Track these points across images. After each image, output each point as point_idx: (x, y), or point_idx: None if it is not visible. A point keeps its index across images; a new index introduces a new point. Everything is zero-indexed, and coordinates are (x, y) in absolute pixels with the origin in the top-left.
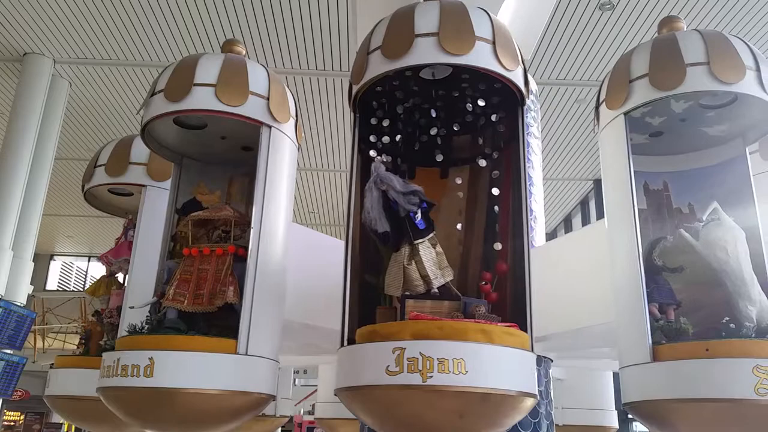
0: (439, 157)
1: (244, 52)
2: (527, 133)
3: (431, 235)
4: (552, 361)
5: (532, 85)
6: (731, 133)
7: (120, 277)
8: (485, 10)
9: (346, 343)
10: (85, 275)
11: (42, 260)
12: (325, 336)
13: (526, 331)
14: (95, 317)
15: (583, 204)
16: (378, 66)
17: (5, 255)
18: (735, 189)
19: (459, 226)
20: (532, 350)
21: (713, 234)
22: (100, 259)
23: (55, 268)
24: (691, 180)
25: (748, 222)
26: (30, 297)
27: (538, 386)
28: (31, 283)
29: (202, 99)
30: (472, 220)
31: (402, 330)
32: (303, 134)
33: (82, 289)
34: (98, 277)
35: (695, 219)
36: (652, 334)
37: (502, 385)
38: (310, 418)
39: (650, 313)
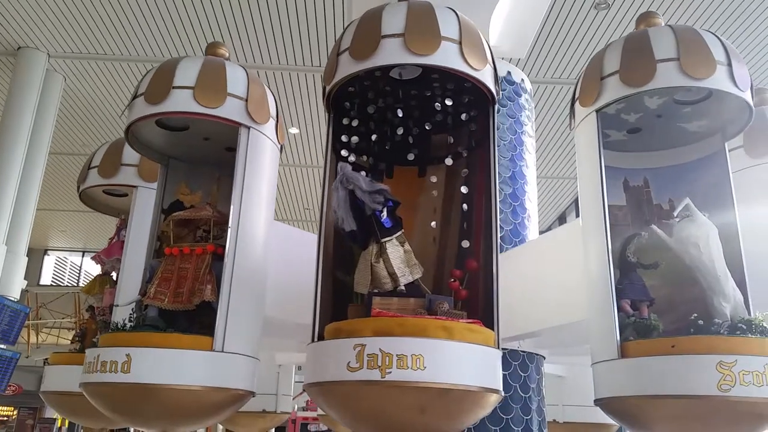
0: (411, 156)
1: (227, 54)
2: (521, 132)
3: (399, 233)
4: (544, 358)
5: (527, 84)
6: (710, 128)
7: (114, 275)
8: (454, 10)
9: (316, 339)
10: (79, 270)
11: (36, 255)
12: None
13: (493, 328)
14: (89, 313)
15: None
16: (347, 67)
17: None
18: (714, 185)
19: (433, 224)
20: (498, 347)
21: (685, 231)
22: (93, 258)
23: (49, 263)
24: (672, 176)
25: (726, 218)
26: (23, 292)
27: (530, 383)
28: (24, 278)
29: (180, 101)
30: (447, 218)
31: (364, 327)
32: (285, 134)
33: (76, 284)
34: (93, 276)
35: (685, 215)
36: (623, 331)
37: (462, 381)
38: (305, 414)
39: (622, 309)
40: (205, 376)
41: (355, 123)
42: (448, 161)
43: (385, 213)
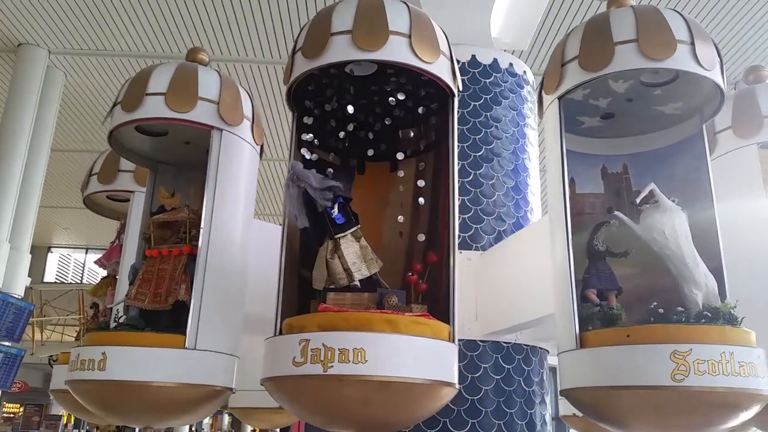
0: (370, 152)
1: (206, 59)
2: (524, 125)
3: (354, 228)
4: (548, 352)
5: (529, 76)
6: (688, 110)
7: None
8: (406, 4)
9: (276, 334)
10: (83, 267)
11: (39, 252)
12: None
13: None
14: (93, 311)
15: None
16: (300, 66)
17: (2, 247)
18: (692, 169)
19: (401, 218)
20: (453, 340)
21: (650, 217)
22: (96, 263)
23: (53, 260)
24: (652, 161)
25: (703, 203)
26: (27, 289)
27: (533, 377)
28: (28, 275)
29: (153, 107)
30: (416, 212)
31: (309, 323)
32: (263, 134)
33: (80, 281)
34: (100, 278)
35: (652, 201)
36: (589, 321)
37: (404, 373)
38: None
39: (588, 299)
40: (179, 373)
41: (321, 121)
42: (400, 155)
43: (336, 209)
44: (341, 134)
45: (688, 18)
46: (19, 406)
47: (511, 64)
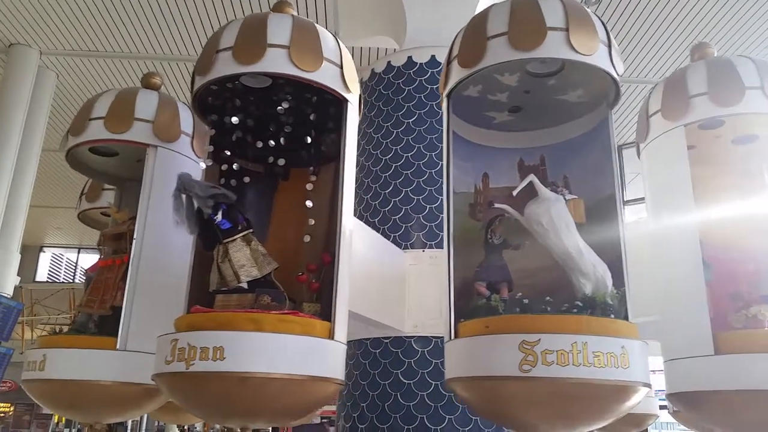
0: (281, 161)
1: (159, 83)
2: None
3: (245, 233)
4: None
5: None
6: (594, 97)
7: None
8: (293, 16)
9: None
10: (75, 267)
11: (31, 252)
12: None
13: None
14: None
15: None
16: (196, 82)
17: None
18: (601, 155)
19: (311, 221)
20: (332, 337)
21: (530, 208)
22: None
23: (45, 259)
24: (566, 151)
25: (607, 190)
26: (17, 288)
27: None
28: (18, 275)
29: (95, 131)
30: (324, 215)
31: (181, 323)
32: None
33: (72, 281)
34: None
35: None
36: (476, 313)
37: (266, 369)
38: None
39: (477, 291)
40: (111, 372)
41: (241, 132)
42: (275, 162)
43: (219, 216)
44: (259, 144)
45: (568, 4)
46: (9, 405)
47: None
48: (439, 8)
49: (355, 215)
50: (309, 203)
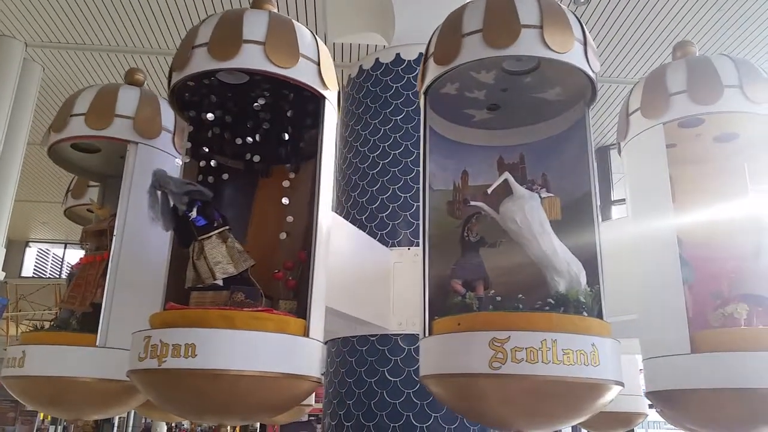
0: (257, 158)
1: (143, 79)
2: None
3: (221, 230)
4: None
5: None
6: (571, 95)
7: None
8: (269, 12)
9: None
10: (62, 262)
11: (17, 247)
12: None
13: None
14: None
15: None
16: (173, 78)
17: None
18: (578, 153)
19: (290, 218)
20: (307, 335)
21: (504, 206)
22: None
23: (31, 254)
24: (545, 149)
25: (583, 188)
26: (2, 283)
27: None
28: (3, 270)
29: (74, 127)
30: (302, 212)
31: (155, 320)
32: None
33: (58, 276)
34: None
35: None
36: (451, 310)
37: (238, 366)
38: None
39: (453, 289)
40: (91, 369)
41: (221, 128)
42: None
43: (194, 212)
44: (239, 141)
45: (543, 2)
46: None
47: None
48: (427, 5)
49: (342, 212)
50: (285, 200)
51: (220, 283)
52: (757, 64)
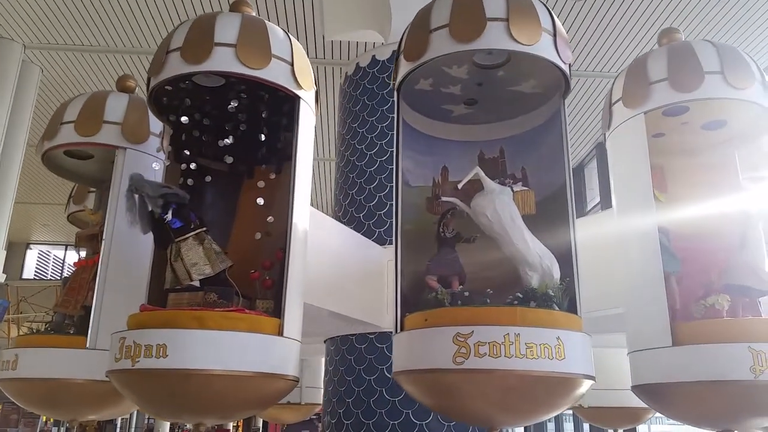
0: (229, 159)
1: (134, 85)
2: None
3: (197, 231)
4: None
5: None
6: (548, 88)
7: None
8: (242, 14)
9: None
10: (62, 264)
11: (18, 248)
12: None
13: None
14: None
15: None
16: (151, 83)
17: None
18: (555, 146)
19: (270, 218)
20: (280, 334)
21: (475, 200)
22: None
23: (32, 257)
24: (524, 143)
25: (558, 180)
26: (3, 285)
27: None
28: (4, 272)
29: (64, 135)
30: (282, 213)
31: (130, 321)
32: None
33: (59, 278)
34: None
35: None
36: (426, 306)
37: (208, 366)
38: None
39: (428, 285)
40: (82, 370)
41: (202, 131)
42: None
43: (169, 215)
44: (220, 143)
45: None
46: None
47: None
48: (424, 1)
49: (340, 211)
50: (260, 200)
51: (196, 284)
52: (744, 51)
